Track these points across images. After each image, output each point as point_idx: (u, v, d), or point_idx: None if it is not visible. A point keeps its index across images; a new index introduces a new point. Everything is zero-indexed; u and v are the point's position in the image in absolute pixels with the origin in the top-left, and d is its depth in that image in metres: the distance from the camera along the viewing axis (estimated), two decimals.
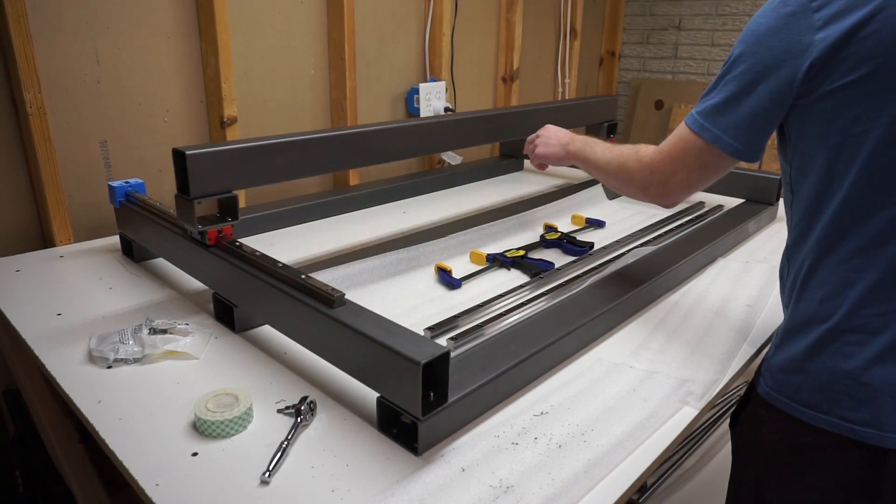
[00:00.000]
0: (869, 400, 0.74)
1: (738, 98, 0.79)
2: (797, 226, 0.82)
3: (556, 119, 1.82)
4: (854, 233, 0.74)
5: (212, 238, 1.05)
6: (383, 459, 0.74)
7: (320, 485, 0.70)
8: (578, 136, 1.25)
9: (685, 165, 0.88)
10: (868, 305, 0.74)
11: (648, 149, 0.96)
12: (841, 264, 0.76)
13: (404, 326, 0.79)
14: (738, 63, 0.79)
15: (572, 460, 0.74)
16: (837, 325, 0.76)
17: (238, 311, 1.00)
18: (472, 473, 0.72)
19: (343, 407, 0.83)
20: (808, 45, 0.72)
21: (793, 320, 0.82)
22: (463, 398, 0.78)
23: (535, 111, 1.76)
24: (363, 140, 1.30)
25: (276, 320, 0.96)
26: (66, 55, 1.33)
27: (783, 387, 0.82)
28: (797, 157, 0.80)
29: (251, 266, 0.96)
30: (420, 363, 0.70)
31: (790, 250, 0.85)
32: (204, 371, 0.91)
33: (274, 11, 1.66)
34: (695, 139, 0.85)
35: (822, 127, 0.74)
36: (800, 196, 0.80)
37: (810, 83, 0.73)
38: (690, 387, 0.89)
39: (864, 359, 0.74)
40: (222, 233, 1.07)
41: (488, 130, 1.64)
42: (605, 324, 1.04)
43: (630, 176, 0.99)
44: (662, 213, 1.64)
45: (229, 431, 0.77)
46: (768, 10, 0.76)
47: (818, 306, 0.78)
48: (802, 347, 0.79)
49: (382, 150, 1.36)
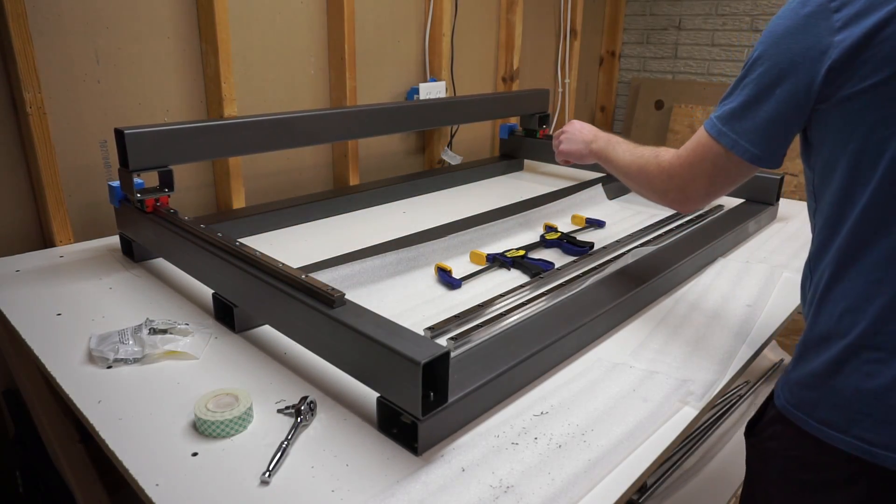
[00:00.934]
0: (891, 422, 0.71)
1: (757, 102, 0.77)
2: (819, 235, 0.79)
3: (488, 110, 1.98)
4: (874, 244, 0.71)
5: (149, 206, 1.21)
6: (383, 459, 0.74)
7: (320, 485, 0.70)
8: (603, 133, 1.21)
9: (704, 171, 0.86)
10: (890, 322, 0.71)
11: (668, 153, 0.94)
12: (861, 277, 0.73)
13: (404, 326, 0.79)
14: (756, 65, 0.77)
15: (572, 460, 0.74)
16: (857, 341, 0.73)
17: (238, 310, 1.00)
18: (472, 473, 0.72)
19: (343, 407, 0.83)
20: (828, 47, 0.70)
21: (812, 334, 0.79)
22: (463, 398, 0.78)
23: (462, 103, 1.89)
24: (285, 125, 1.44)
25: (276, 320, 0.96)
26: (66, 55, 1.33)
27: (801, 402, 0.79)
28: (819, 164, 0.77)
29: (251, 266, 0.96)
30: (420, 363, 0.70)
31: (812, 261, 0.81)
32: (204, 371, 0.91)
33: (274, 11, 1.66)
34: (713, 144, 0.83)
35: (843, 133, 0.72)
36: (822, 205, 0.78)
37: (829, 87, 0.71)
38: (690, 387, 0.89)
39: (889, 378, 0.71)
40: (160, 202, 1.22)
41: (407, 120, 1.76)
42: (605, 324, 1.04)
43: (649, 180, 0.97)
44: (663, 214, 1.64)
45: (229, 431, 0.77)
46: (788, 10, 0.74)
47: (837, 320, 0.75)
48: (822, 363, 0.76)
49: (305, 135, 1.50)
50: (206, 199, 1.65)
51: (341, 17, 1.74)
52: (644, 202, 1.76)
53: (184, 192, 1.57)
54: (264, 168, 1.74)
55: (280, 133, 1.44)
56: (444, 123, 1.92)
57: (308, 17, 1.74)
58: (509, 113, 2.10)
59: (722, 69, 2.77)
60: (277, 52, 1.69)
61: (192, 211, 1.59)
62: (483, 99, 1.97)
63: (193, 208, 1.61)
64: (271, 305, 0.94)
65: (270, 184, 1.77)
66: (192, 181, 1.60)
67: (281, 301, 0.90)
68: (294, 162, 1.82)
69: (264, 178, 1.75)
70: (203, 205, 1.64)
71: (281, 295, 0.89)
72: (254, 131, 1.39)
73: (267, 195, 1.74)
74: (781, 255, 1.39)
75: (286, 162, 1.79)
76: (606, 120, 3.15)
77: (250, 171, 1.70)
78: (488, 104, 1.99)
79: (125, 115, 1.45)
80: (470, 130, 2.34)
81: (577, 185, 1.82)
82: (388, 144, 2.09)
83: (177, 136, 1.25)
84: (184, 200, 1.58)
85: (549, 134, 2.11)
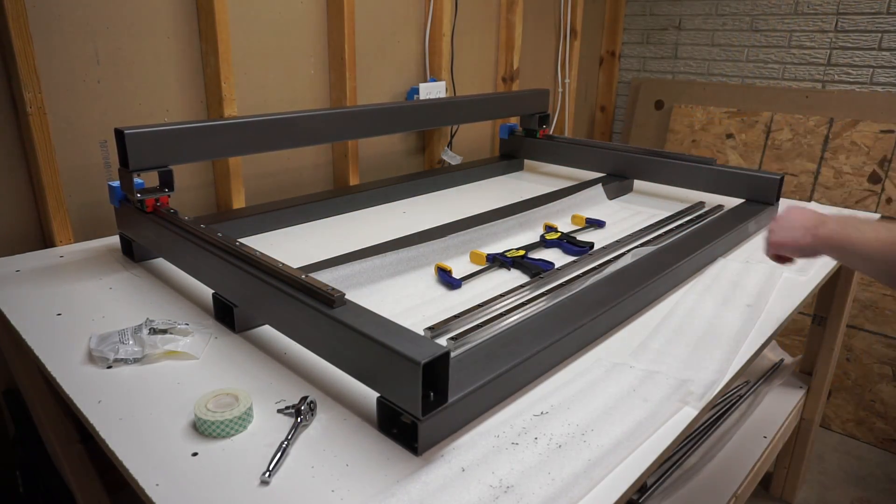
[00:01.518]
0: None
1: None
2: None
3: (488, 110, 2.00)
4: None
5: (149, 206, 1.21)
6: (383, 459, 0.74)
7: (320, 484, 0.70)
8: (832, 215, 0.94)
9: None
10: None
11: None
12: None
13: (404, 327, 0.79)
14: None
15: (572, 460, 0.74)
16: None
17: (238, 311, 1.00)
18: (473, 473, 0.72)
19: (343, 407, 0.83)
20: None
21: None
22: (463, 398, 0.78)
23: (462, 103, 1.89)
24: (286, 125, 1.44)
25: (277, 320, 0.96)
26: (66, 55, 1.33)
27: None
28: None
29: (251, 266, 0.96)
30: (420, 363, 0.70)
31: None
32: (204, 371, 0.91)
33: (274, 12, 1.66)
34: None
35: None
36: None
37: None
38: (690, 387, 0.89)
39: None
40: (160, 202, 1.22)
41: (407, 120, 1.75)
42: (606, 324, 1.04)
43: None
44: (663, 213, 1.64)
45: (229, 431, 0.77)
46: None
47: None
48: None
49: (305, 134, 1.49)
50: (206, 199, 1.65)
51: (341, 17, 1.74)
52: (644, 203, 1.76)
53: (184, 192, 1.57)
54: (264, 167, 1.74)
55: (280, 133, 1.44)
56: (445, 123, 1.92)
57: (308, 17, 1.74)
58: (509, 113, 2.10)
59: (722, 69, 2.76)
60: (277, 52, 1.69)
61: (192, 210, 1.59)
62: (483, 99, 1.97)
63: (193, 208, 1.61)
64: (271, 305, 0.94)
65: (271, 183, 1.77)
66: (192, 181, 1.60)
67: (281, 301, 0.90)
68: (294, 161, 1.82)
69: (264, 178, 1.75)
70: (203, 205, 1.64)
71: (281, 295, 0.89)
72: (254, 131, 1.39)
73: (267, 195, 1.74)
74: None
75: (286, 161, 1.79)
76: (606, 120, 3.15)
77: (250, 170, 1.70)
78: (488, 104, 1.99)
79: (125, 115, 1.45)
80: (470, 130, 2.34)
81: (577, 185, 1.81)
82: (389, 144, 2.09)
83: (177, 136, 1.25)
84: (184, 200, 1.58)
85: (549, 134, 2.11)
